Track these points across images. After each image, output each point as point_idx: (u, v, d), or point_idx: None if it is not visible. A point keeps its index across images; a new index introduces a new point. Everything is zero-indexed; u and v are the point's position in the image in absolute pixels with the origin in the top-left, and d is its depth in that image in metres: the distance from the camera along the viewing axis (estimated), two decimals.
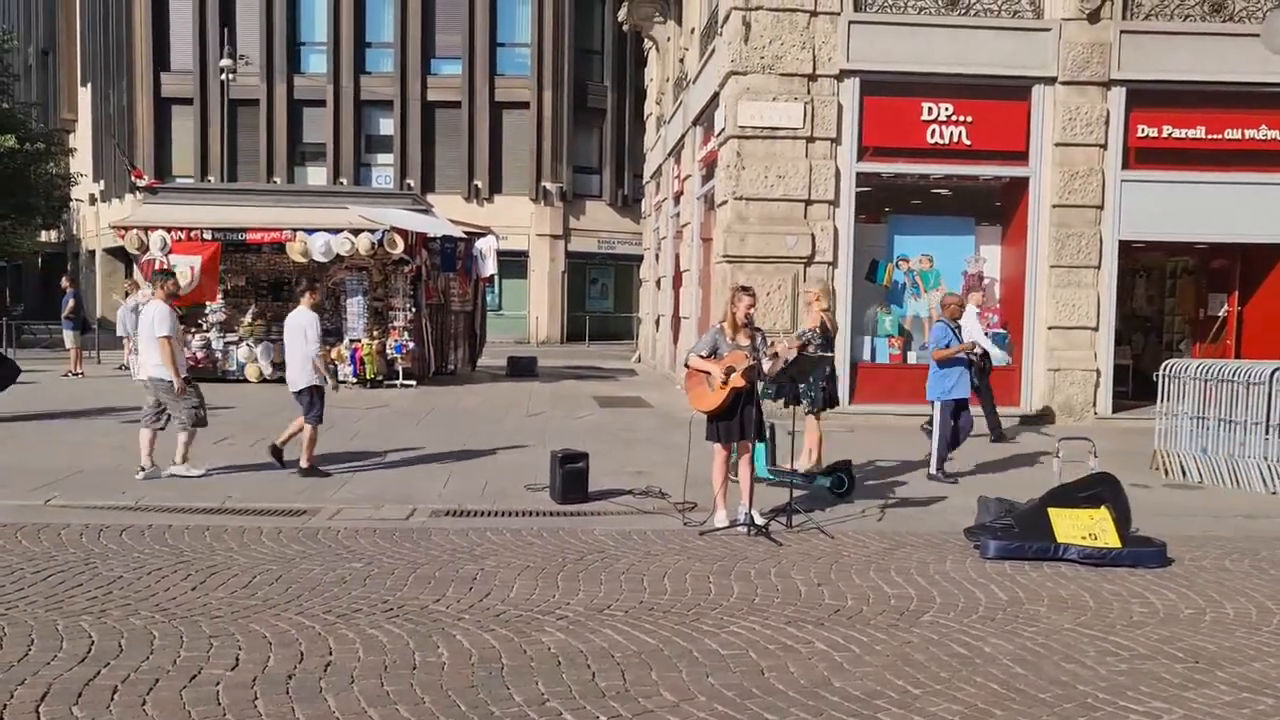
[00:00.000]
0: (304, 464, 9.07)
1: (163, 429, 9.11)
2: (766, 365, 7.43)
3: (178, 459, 8.97)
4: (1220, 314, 14.98)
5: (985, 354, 11.50)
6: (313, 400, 9.10)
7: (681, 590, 5.93)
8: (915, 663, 4.81)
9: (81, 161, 40.66)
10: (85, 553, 6.45)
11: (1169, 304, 17.23)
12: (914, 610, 5.66)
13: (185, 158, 34.76)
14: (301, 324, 9.09)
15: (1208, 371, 9.92)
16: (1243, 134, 13.55)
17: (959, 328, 10.05)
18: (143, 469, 8.87)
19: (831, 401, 9.74)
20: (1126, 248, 14.08)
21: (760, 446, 8.55)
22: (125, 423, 11.83)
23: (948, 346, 9.74)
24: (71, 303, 19.58)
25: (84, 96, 43.23)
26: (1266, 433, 9.26)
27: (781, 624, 5.34)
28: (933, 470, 9.61)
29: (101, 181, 39.48)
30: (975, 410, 10.45)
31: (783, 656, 4.86)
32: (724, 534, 7.26)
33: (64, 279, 21.20)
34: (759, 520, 7.33)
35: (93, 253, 40.93)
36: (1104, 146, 13.48)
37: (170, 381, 8.90)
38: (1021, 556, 6.74)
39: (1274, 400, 9.20)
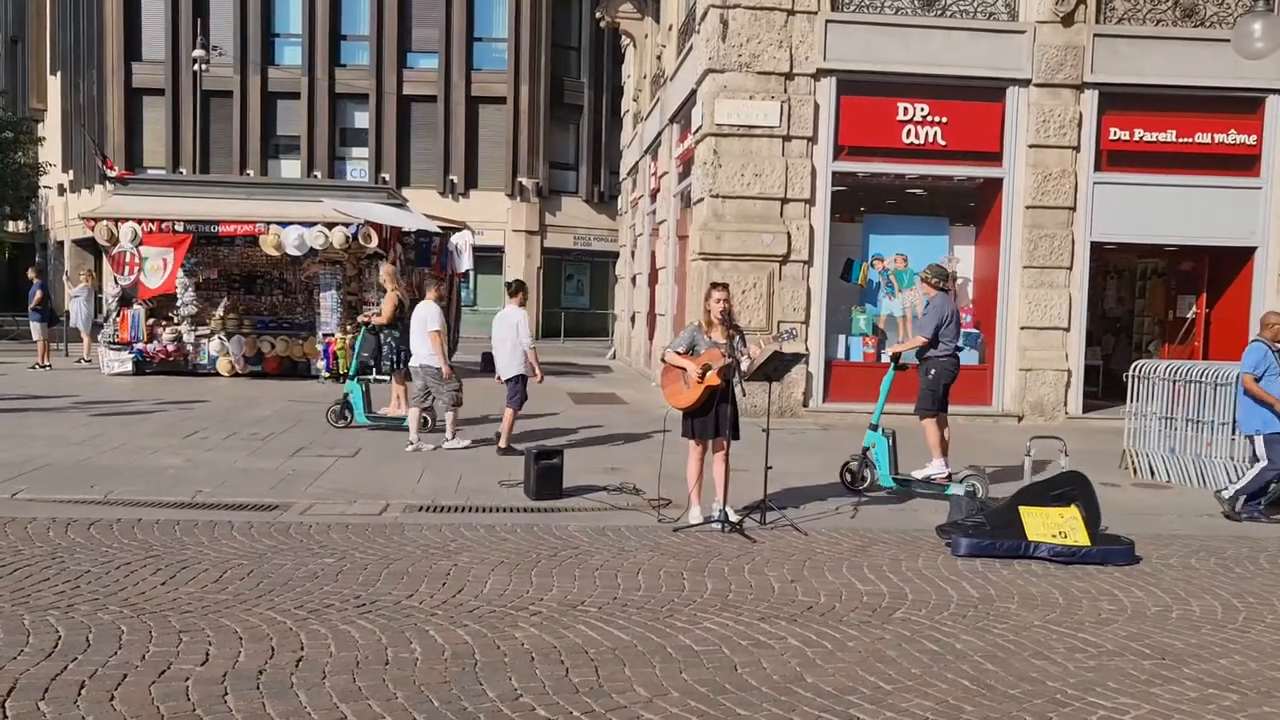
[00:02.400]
0: (502, 445, 10.16)
1: (428, 409, 10.73)
2: (744, 364, 7.45)
3: (449, 435, 10.50)
4: (1189, 316, 15.16)
5: None
6: (517, 388, 10.21)
7: (655, 586, 5.94)
8: (887, 659, 4.84)
9: (51, 151, 40.15)
10: (52, 547, 6.37)
11: (1139, 305, 17.42)
12: (886, 607, 5.69)
13: (157, 149, 34.39)
14: (513, 320, 10.33)
15: (1176, 373, 10.04)
16: (1212, 138, 13.71)
17: None
18: (411, 443, 10.30)
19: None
20: (1098, 249, 14.22)
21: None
22: (94, 415, 11.71)
23: (1263, 375, 8.25)
24: (39, 294, 19.32)
25: (54, 85, 42.66)
26: (1233, 433, 9.38)
27: (755, 620, 5.36)
28: (1238, 508, 8.32)
29: (71, 172, 38.99)
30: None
31: (756, 652, 4.87)
32: (698, 531, 7.27)
33: (31, 270, 20.92)
34: (733, 517, 7.35)
35: (61, 244, 40.41)
36: (1077, 149, 13.60)
37: (439, 369, 10.36)
38: (992, 554, 6.79)
39: (1240, 401, 9.31)
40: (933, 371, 8.97)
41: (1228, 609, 5.86)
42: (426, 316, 10.47)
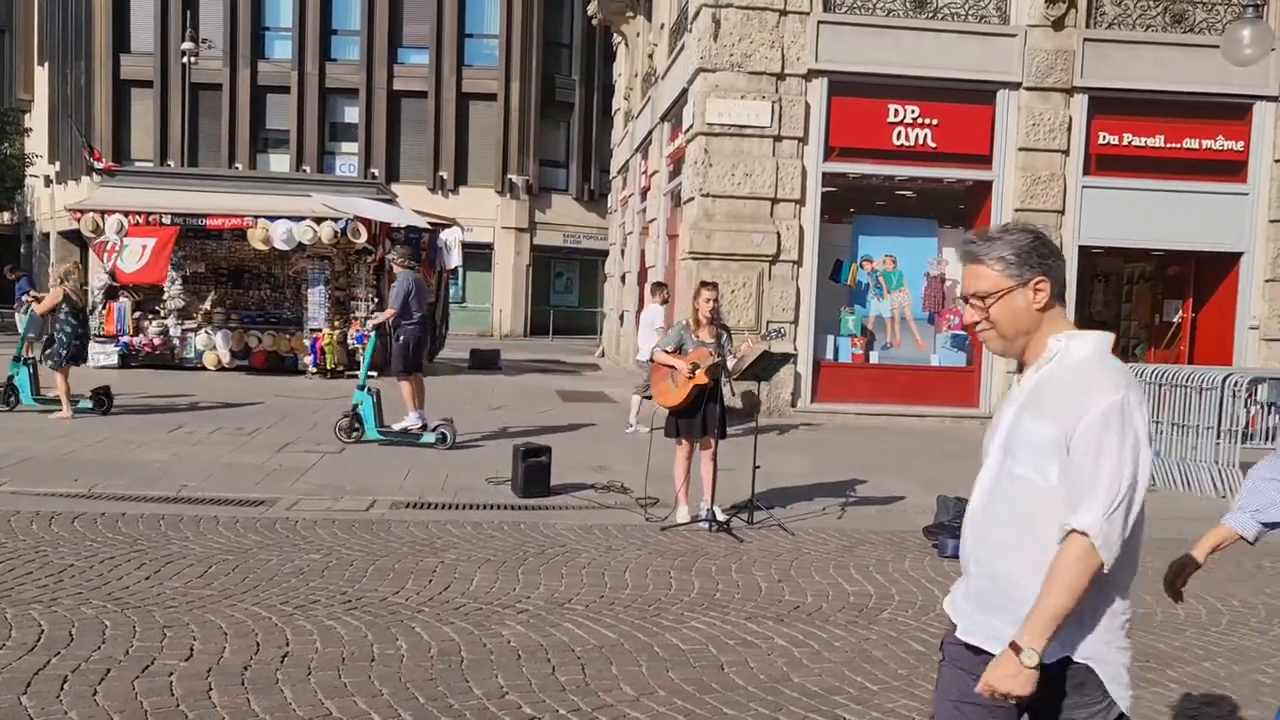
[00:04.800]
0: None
1: (647, 398, 10.83)
2: (731, 363, 7.46)
3: (633, 420, 11.70)
4: (1175, 320, 15.24)
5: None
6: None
7: (642, 585, 5.94)
8: (874, 659, 4.85)
9: (37, 142, 39.90)
10: (35, 540, 6.33)
11: (1126, 309, 17.50)
12: (873, 607, 5.70)
13: (144, 141, 34.20)
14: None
15: (1162, 377, 10.08)
16: (1200, 144, 13.78)
17: None
18: (630, 424, 11.61)
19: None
20: (1086, 253, 14.28)
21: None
22: (78, 408, 11.63)
23: None
24: (29, 295, 19.29)
25: (41, 76, 42.37)
26: (1218, 437, 9.43)
27: (741, 620, 5.36)
28: None
29: (57, 163, 38.73)
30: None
31: (742, 652, 4.88)
32: (685, 530, 7.27)
33: (7, 270, 20.82)
34: (720, 516, 7.36)
35: (47, 235, 40.15)
36: (1066, 152, 13.65)
37: (647, 360, 11.00)
38: None
39: (1225, 406, 9.37)
40: (403, 338, 10.68)
41: (1212, 612, 5.89)
42: (654, 317, 11.88)
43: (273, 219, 16.21)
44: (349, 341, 16.93)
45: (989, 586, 2.29)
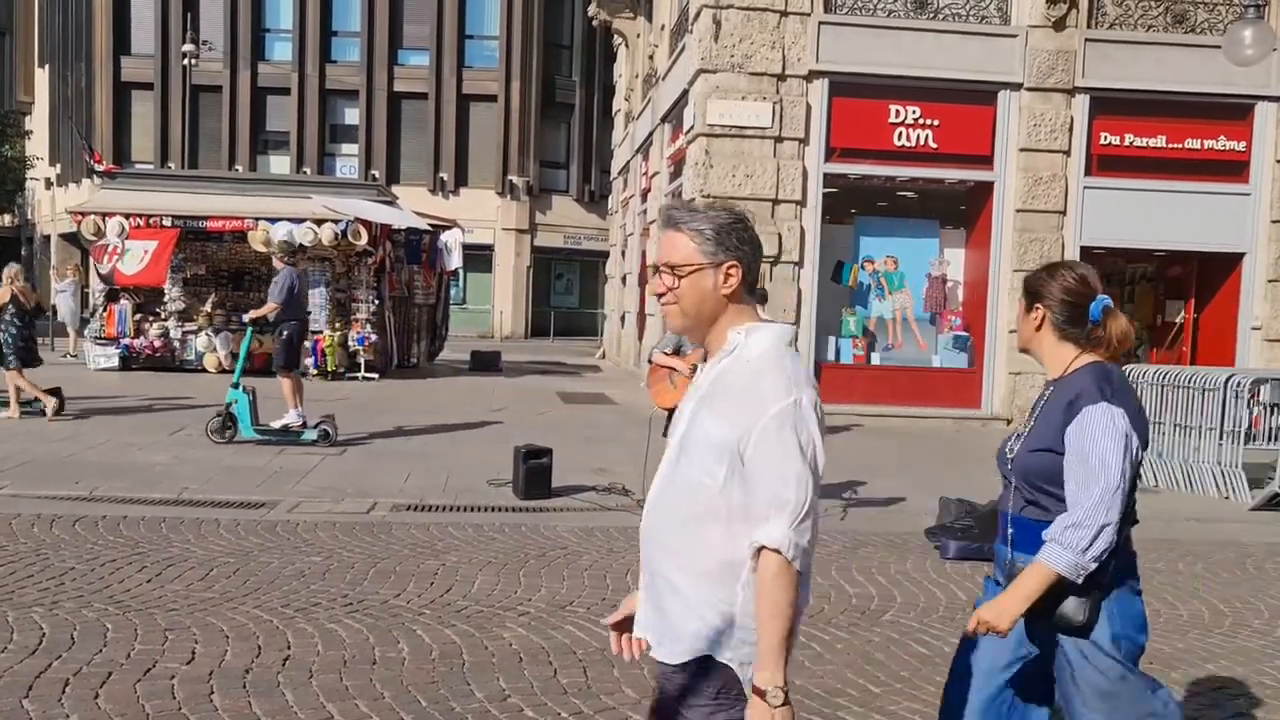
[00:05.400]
0: None
1: None
2: None
3: None
4: (1177, 321, 15.22)
5: None
6: None
7: None
8: (876, 661, 4.84)
9: (38, 145, 39.89)
10: (36, 543, 6.32)
11: (1127, 310, 17.38)
12: (875, 609, 5.69)
13: (145, 143, 34.22)
14: None
15: (1164, 377, 10.07)
16: (1202, 144, 13.76)
17: None
18: None
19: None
20: (1087, 253, 14.23)
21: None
22: (79, 411, 11.62)
23: None
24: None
25: (41, 78, 42.40)
26: (1220, 438, 9.41)
27: None
28: None
29: (58, 165, 38.76)
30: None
31: None
32: None
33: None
34: None
35: (48, 237, 40.13)
36: (1067, 153, 13.63)
37: None
38: (981, 557, 6.78)
39: (1227, 406, 9.36)
40: (285, 333, 10.54)
41: (1215, 614, 5.87)
42: None
43: (273, 221, 16.20)
44: (350, 343, 16.92)
45: (650, 582, 2.24)
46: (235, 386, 10.10)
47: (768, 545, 2.02)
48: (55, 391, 11.33)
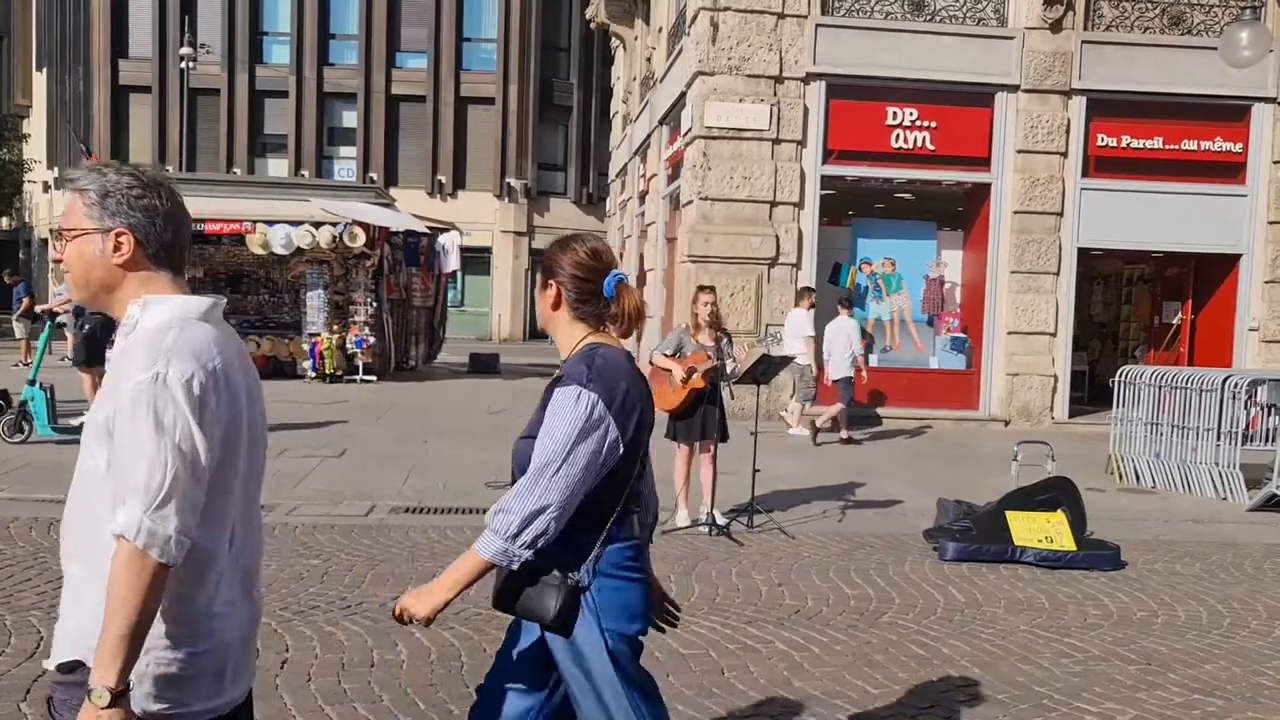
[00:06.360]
0: (843, 435, 11.87)
1: (813, 400, 12.31)
2: (730, 366, 7.45)
3: (794, 424, 12.24)
4: (1174, 322, 15.25)
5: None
6: (846, 388, 11.96)
7: None
8: (874, 663, 4.84)
9: (35, 148, 39.86)
10: (35, 547, 6.32)
11: (1125, 311, 17.51)
12: (873, 611, 5.69)
13: (143, 146, 34.17)
14: (845, 329, 12.04)
15: (1162, 378, 10.08)
16: (1198, 145, 13.79)
17: None
18: (790, 427, 12.28)
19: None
20: (1085, 255, 14.29)
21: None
22: (77, 414, 11.60)
23: None
24: (26, 300, 19.31)
25: (39, 81, 42.39)
26: (1217, 439, 9.42)
27: (742, 624, 5.35)
28: None
29: (56, 168, 38.70)
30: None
31: (743, 656, 4.86)
32: (685, 533, 7.26)
33: (5, 274, 20.82)
34: (720, 520, 7.35)
35: (45, 241, 40.12)
36: (1064, 154, 13.66)
37: (807, 366, 11.90)
38: (979, 559, 6.80)
39: (1225, 407, 9.37)
40: (88, 326, 10.28)
41: (1213, 614, 5.88)
42: (802, 324, 12.17)
43: (271, 224, 16.19)
44: (348, 346, 16.92)
45: (64, 587, 2.04)
46: (32, 383, 9.72)
47: (117, 533, 1.85)
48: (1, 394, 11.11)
